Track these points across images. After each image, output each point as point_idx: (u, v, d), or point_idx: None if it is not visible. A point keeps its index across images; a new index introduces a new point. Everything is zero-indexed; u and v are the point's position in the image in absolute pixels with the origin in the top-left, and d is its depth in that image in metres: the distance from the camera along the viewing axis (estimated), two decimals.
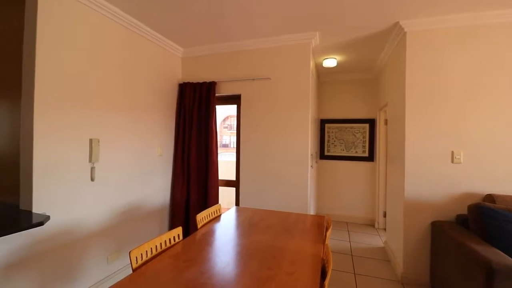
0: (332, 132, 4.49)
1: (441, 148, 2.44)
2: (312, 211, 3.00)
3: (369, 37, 2.94)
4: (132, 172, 2.67)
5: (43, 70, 1.85)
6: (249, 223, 2.02)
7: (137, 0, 2.24)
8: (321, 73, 4.34)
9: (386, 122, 4.01)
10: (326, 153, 4.51)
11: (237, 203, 3.25)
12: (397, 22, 2.58)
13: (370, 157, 4.30)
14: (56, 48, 1.93)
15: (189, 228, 3.18)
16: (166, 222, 3.23)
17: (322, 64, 3.77)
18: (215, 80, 3.19)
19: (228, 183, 3.45)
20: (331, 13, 2.42)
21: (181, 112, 3.29)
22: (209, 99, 3.18)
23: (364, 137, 4.34)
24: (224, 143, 9.71)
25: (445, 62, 2.44)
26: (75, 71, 2.08)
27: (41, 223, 1.59)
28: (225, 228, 1.93)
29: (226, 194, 3.39)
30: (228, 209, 2.50)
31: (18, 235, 1.71)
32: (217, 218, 2.17)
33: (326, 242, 1.55)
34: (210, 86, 3.18)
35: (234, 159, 3.41)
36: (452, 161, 2.41)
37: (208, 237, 1.74)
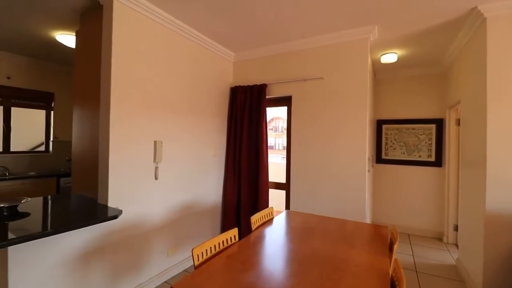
0: (391, 134, 4.11)
1: None
2: (368, 219, 2.77)
3: (437, 27, 2.62)
4: (190, 172, 2.83)
5: (117, 82, 2.07)
6: (303, 228, 1.95)
7: (197, 12, 2.37)
8: (378, 69, 4.02)
9: (458, 122, 3.52)
10: (383, 157, 4.15)
11: (287, 207, 3.19)
12: (475, 7, 2.24)
13: (438, 162, 3.81)
14: (127, 61, 2.15)
15: (240, 228, 3.23)
16: (218, 221, 3.35)
17: (379, 60, 3.49)
18: (266, 82, 3.20)
19: (277, 186, 3.41)
20: (393, 3, 2.21)
21: (233, 115, 3.37)
22: (260, 101, 3.20)
23: (430, 140, 3.87)
24: (269, 145, 9.74)
25: None
26: (143, 81, 2.29)
27: (115, 217, 1.77)
28: (279, 232, 1.90)
29: (274, 197, 3.35)
30: (278, 211, 2.46)
31: (97, 226, 1.94)
32: (269, 221, 2.15)
33: (395, 257, 1.39)
34: (260, 89, 3.20)
35: (279, 161, 3.36)
36: None
37: (263, 240, 1.72)
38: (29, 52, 3.53)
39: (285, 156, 3.34)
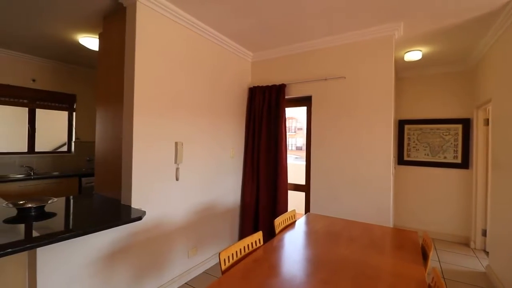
0: (414, 135, 3.96)
1: None
2: (391, 224, 2.67)
3: (467, 23, 2.49)
4: (209, 173, 2.82)
5: (140, 83, 2.08)
6: (328, 233, 1.89)
7: (218, 12, 2.35)
8: (400, 68, 3.88)
9: (486, 122, 3.35)
10: (405, 158, 4.00)
11: (306, 209, 3.13)
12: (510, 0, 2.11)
13: (464, 164, 3.64)
14: (150, 63, 2.15)
15: (258, 229, 3.18)
16: (236, 223, 3.33)
17: (403, 58, 3.36)
18: (285, 82, 3.15)
19: (296, 187, 3.36)
20: None
21: (251, 115, 3.34)
22: (279, 101, 3.15)
23: (456, 140, 3.70)
24: None
25: None
26: (165, 82, 2.29)
27: (139, 218, 1.77)
28: (303, 236, 1.85)
29: (293, 199, 3.30)
30: (299, 214, 2.41)
31: (121, 227, 1.95)
32: (292, 224, 2.10)
33: (433, 266, 1.31)
34: (279, 89, 3.15)
35: (292, 161, 3.30)
36: None
37: (288, 244, 1.68)
38: (53, 55, 3.63)
39: (298, 156, 3.28)
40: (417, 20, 2.46)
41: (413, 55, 3.19)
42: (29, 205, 1.71)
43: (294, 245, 1.67)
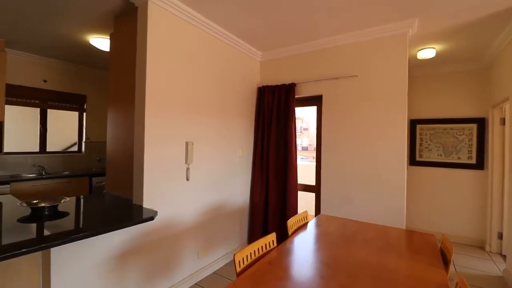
0: (426, 135, 3.88)
1: None
2: (403, 225, 2.61)
3: (483, 19, 2.42)
4: (218, 173, 2.81)
5: (151, 83, 2.07)
6: (342, 235, 1.85)
7: (228, 11, 2.33)
8: (412, 66, 3.80)
9: (503, 121, 3.25)
10: (417, 159, 3.91)
11: (317, 210, 3.09)
12: None
13: (479, 164, 3.54)
14: (161, 62, 2.15)
15: (268, 230, 3.16)
16: (245, 223, 3.30)
17: (415, 56, 3.29)
18: (294, 82, 3.11)
19: (306, 188, 3.32)
20: None
21: (260, 115, 3.31)
22: (288, 101, 3.11)
23: (470, 140, 3.61)
24: None
25: None
26: (176, 82, 2.28)
27: (151, 218, 1.76)
28: (317, 237, 1.81)
29: (302, 199, 3.26)
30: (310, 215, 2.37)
31: (133, 227, 1.95)
32: (304, 225, 2.06)
33: (457, 271, 1.27)
34: (289, 88, 3.11)
35: (301, 162, 3.25)
36: None
37: (301, 247, 1.64)
38: (64, 56, 3.67)
39: (303, 157, 3.25)
40: (432, 17, 2.40)
41: (427, 53, 3.12)
42: (43, 205, 1.71)
43: (308, 247, 1.64)
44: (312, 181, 3.23)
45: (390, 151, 2.55)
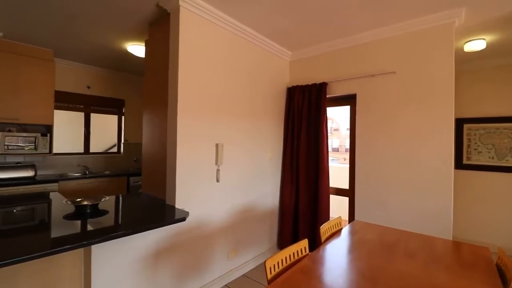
0: (475, 135, 3.50)
1: None
2: (450, 235, 2.36)
3: None
4: (247, 174, 2.79)
5: (183, 87, 2.12)
6: (380, 244, 1.72)
7: (258, 11, 2.30)
8: (458, 60, 3.46)
9: None
10: (465, 162, 3.55)
11: (351, 215, 2.94)
12: None
13: None
14: (192, 66, 2.19)
15: (297, 236, 3.08)
16: (275, 226, 3.25)
17: (462, 48, 2.99)
18: (326, 81, 2.99)
19: (338, 192, 3.17)
20: None
21: (290, 116, 3.24)
22: (319, 101, 3.00)
23: None
24: None
25: None
26: (207, 84, 2.31)
27: (184, 219, 1.79)
28: (352, 246, 1.70)
29: (335, 203, 3.12)
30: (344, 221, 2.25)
31: (166, 227, 2.00)
32: (338, 232, 1.96)
33: None
34: (320, 88, 3.00)
35: (332, 164, 3.10)
36: None
37: (335, 255, 1.55)
38: (105, 63, 3.94)
39: (334, 158, 3.11)
40: (482, 4, 2.15)
41: (476, 44, 2.81)
42: (85, 203, 1.83)
43: (342, 256, 1.55)
44: (343, 184, 3.08)
45: (435, 154, 2.33)
